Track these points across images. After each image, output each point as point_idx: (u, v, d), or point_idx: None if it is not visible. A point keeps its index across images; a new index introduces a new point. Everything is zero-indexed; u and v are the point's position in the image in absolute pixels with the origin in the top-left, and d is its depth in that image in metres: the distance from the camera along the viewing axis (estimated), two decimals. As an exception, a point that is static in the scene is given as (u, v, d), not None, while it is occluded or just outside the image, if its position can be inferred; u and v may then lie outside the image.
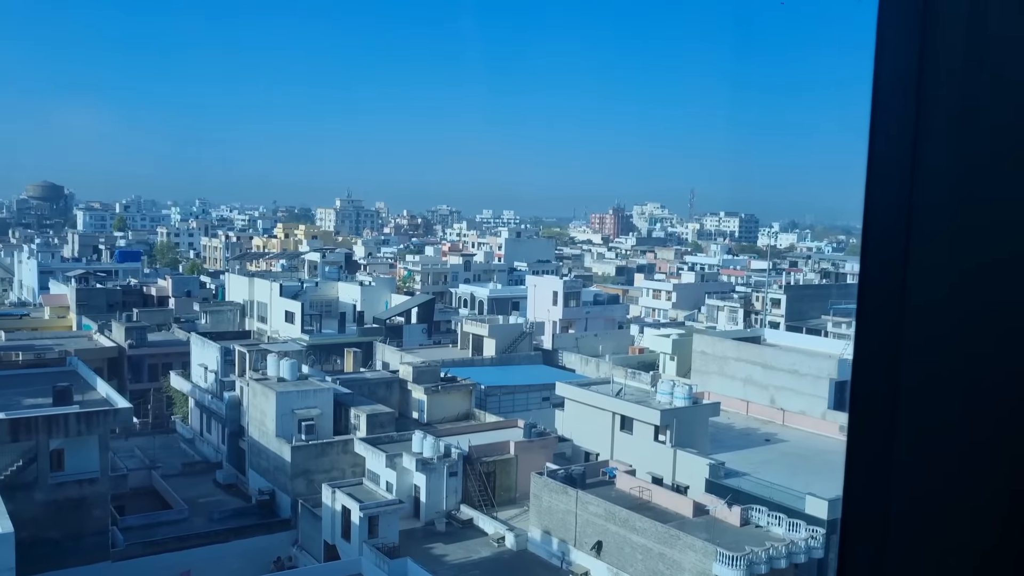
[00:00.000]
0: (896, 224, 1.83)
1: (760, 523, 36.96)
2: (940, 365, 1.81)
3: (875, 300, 1.88)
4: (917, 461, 1.84)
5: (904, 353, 1.83)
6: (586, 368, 69.26)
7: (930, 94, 1.79)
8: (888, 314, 1.85)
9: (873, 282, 1.88)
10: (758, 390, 59.59)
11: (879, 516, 1.87)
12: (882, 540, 1.87)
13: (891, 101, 1.84)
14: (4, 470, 38.49)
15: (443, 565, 39.42)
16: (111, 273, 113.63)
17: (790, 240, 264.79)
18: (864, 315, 1.90)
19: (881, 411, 1.86)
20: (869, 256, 1.88)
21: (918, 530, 1.85)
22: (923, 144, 1.80)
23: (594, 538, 38.25)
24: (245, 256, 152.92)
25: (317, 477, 46.26)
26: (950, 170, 1.79)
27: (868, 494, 1.88)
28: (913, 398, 1.83)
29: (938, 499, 1.83)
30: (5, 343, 72.43)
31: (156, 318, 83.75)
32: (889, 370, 1.84)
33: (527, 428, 49.81)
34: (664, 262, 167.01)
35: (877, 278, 1.87)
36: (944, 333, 1.80)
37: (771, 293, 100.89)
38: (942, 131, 1.79)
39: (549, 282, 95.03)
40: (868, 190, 1.88)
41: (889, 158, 1.85)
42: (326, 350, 69.74)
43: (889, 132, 1.84)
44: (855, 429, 1.90)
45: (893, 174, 1.84)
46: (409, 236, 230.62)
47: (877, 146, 1.87)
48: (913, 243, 1.81)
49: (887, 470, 1.86)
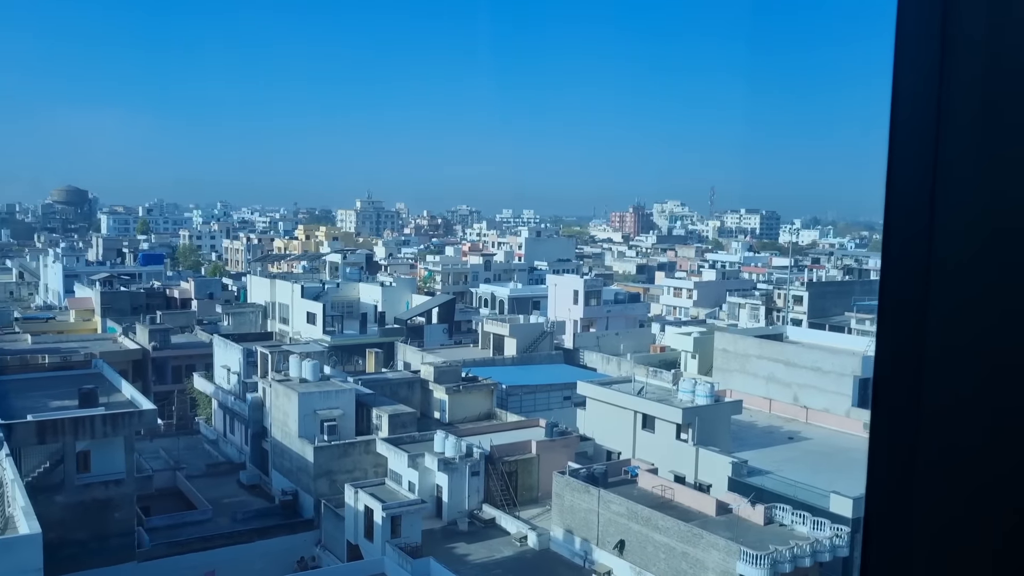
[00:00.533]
0: (918, 220, 1.82)
1: (784, 522, 36.73)
2: (964, 361, 1.79)
3: (897, 296, 1.86)
4: (941, 459, 1.82)
5: (928, 350, 1.81)
6: (607, 367, 69.11)
7: (951, 88, 1.77)
8: (911, 310, 1.83)
9: (895, 278, 1.86)
10: (781, 388, 59.22)
11: (903, 515, 1.85)
12: (907, 539, 1.85)
13: (912, 96, 1.82)
14: (32, 472, 38.93)
15: (466, 565, 39.46)
16: (135, 276, 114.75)
17: (812, 236, 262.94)
18: (886, 311, 1.88)
19: (904, 408, 1.84)
20: (891, 252, 1.86)
21: (943, 529, 1.83)
22: (945, 139, 1.78)
23: (616, 537, 38.17)
24: (267, 258, 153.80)
25: (340, 477, 46.45)
26: (972, 164, 1.76)
27: (891, 492, 1.87)
28: (936, 394, 1.81)
29: (963, 497, 1.81)
30: (32, 346, 73.29)
31: (179, 320, 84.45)
32: (912, 367, 1.82)
33: (549, 427, 49.78)
34: (685, 260, 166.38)
35: (899, 274, 1.85)
36: (968, 329, 1.78)
37: (793, 290, 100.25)
38: (964, 126, 1.76)
39: (570, 281, 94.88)
40: (889, 185, 1.86)
41: (911, 154, 1.83)
42: (348, 351, 70.06)
43: (910, 128, 1.82)
44: (877, 426, 1.88)
45: (915, 169, 1.82)
46: (429, 236, 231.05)
47: (898, 142, 1.85)
48: (936, 239, 1.79)
49: (911, 468, 1.84)
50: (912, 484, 1.86)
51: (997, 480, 1.78)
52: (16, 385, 50.58)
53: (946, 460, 1.82)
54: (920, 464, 1.83)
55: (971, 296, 1.78)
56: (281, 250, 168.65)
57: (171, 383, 71.97)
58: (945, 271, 1.79)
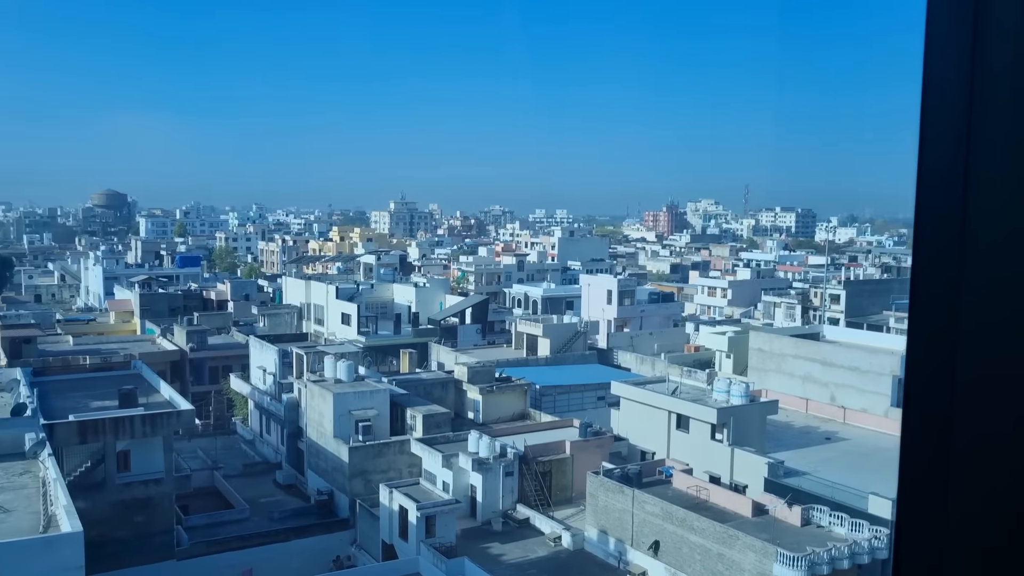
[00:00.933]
0: (950, 207, 1.78)
1: (821, 523, 36.31)
2: (997, 359, 1.75)
3: (930, 296, 1.82)
4: (975, 459, 1.78)
5: (960, 348, 1.77)
6: (641, 367, 68.80)
7: (983, 75, 1.73)
8: (943, 309, 1.79)
9: (927, 277, 1.82)
10: (818, 388, 58.57)
11: (936, 516, 1.81)
12: (940, 540, 1.81)
13: (944, 82, 1.78)
14: (74, 471, 39.59)
15: (500, 565, 39.48)
16: (172, 278, 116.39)
17: (849, 235, 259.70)
18: (918, 310, 1.84)
19: (937, 408, 1.80)
20: (922, 250, 1.82)
21: (976, 530, 1.79)
22: (976, 126, 1.74)
23: (651, 538, 37.97)
24: (301, 259, 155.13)
25: (374, 477, 46.70)
26: (1004, 151, 1.72)
27: (924, 493, 1.82)
28: (969, 394, 1.77)
29: (998, 498, 1.76)
30: (73, 347, 74.60)
31: (216, 322, 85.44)
32: (945, 366, 1.78)
33: (582, 427, 49.66)
34: (719, 259, 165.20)
35: (931, 273, 1.81)
36: (1001, 327, 1.74)
37: (830, 289, 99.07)
38: (996, 112, 1.72)
39: (603, 281, 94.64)
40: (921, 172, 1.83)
41: (942, 141, 1.79)
42: (382, 351, 70.44)
43: (942, 114, 1.78)
44: (910, 426, 1.84)
45: (946, 157, 1.79)
46: (462, 237, 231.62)
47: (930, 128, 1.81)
48: (968, 225, 1.75)
49: (944, 468, 1.80)
50: (947, 485, 1.82)
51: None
52: (58, 385, 51.49)
53: (981, 460, 1.78)
54: (954, 458, 1.79)
55: (1005, 292, 1.73)
56: (316, 251, 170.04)
57: (208, 384, 72.84)
58: (977, 258, 1.75)
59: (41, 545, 25.17)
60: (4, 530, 26.95)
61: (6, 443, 33.99)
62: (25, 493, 30.56)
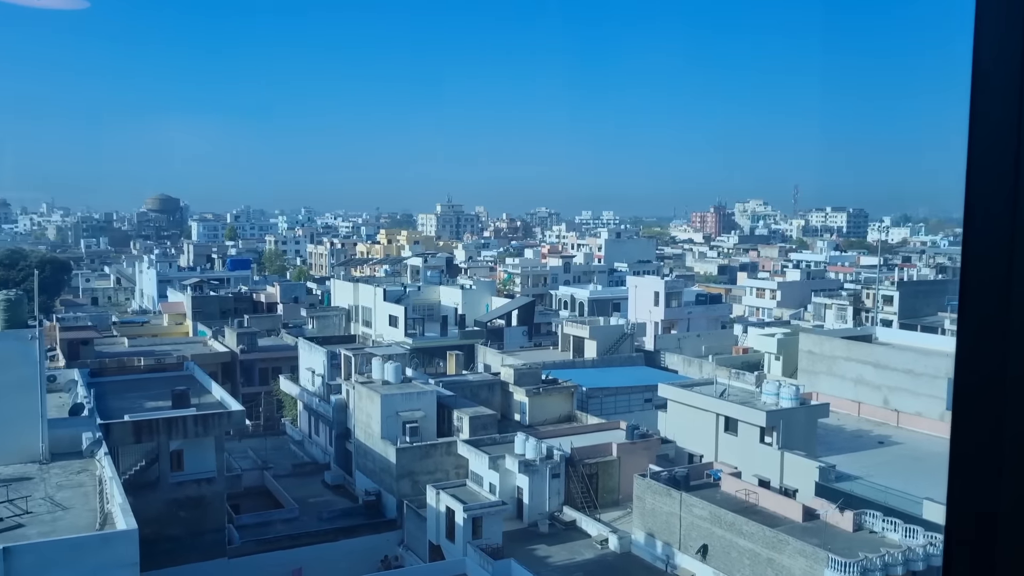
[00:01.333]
0: (1000, 216, 1.73)
1: (874, 528, 35.64)
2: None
3: (979, 295, 1.78)
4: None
5: (1011, 346, 1.72)
6: (689, 369, 68.24)
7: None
8: (993, 308, 1.74)
9: (976, 276, 1.78)
10: (870, 390, 57.52)
11: (987, 518, 1.76)
12: (990, 545, 1.76)
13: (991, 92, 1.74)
14: (129, 470, 40.43)
15: (547, 567, 39.43)
16: (223, 281, 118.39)
17: (902, 234, 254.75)
18: (968, 309, 1.80)
19: (987, 407, 1.75)
20: (971, 248, 1.78)
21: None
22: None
23: (699, 541, 37.61)
24: (349, 262, 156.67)
25: (421, 478, 46.96)
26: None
27: (974, 495, 1.78)
28: (1021, 393, 1.72)
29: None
30: (128, 348, 76.28)
31: (265, 324, 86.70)
32: (995, 365, 1.74)
33: (629, 430, 49.40)
34: (768, 260, 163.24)
35: (980, 271, 1.77)
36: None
37: (883, 290, 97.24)
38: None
39: (650, 282, 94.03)
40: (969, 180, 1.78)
41: (991, 150, 1.75)
42: (429, 353, 70.89)
43: (991, 110, 1.74)
44: (960, 429, 1.80)
45: (995, 165, 1.74)
46: (509, 239, 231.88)
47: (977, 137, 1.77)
48: (1018, 234, 1.70)
49: (996, 469, 1.75)
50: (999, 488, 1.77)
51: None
52: (114, 386, 52.65)
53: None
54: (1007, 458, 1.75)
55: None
56: (364, 254, 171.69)
57: (258, 385, 73.93)
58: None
59: (97, 542, 25.76)
60: (62, 527, 27.65)
61: (64, 442, 34.85)
62: (83, 491, 31.31)
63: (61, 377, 49.05)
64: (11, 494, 29.78)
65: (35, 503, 29.70)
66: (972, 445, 1.78)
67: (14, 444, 33.63)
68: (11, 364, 34.12)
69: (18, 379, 33.91)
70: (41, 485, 31.74)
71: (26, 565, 24.35)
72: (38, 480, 32.27)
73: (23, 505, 29.17)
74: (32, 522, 28.12)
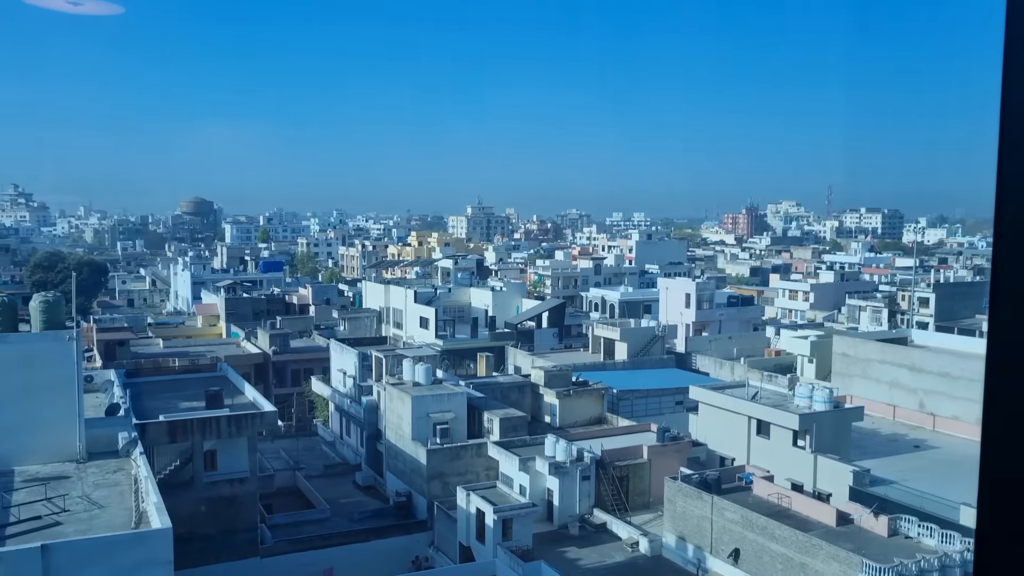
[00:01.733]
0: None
1: (910, 534, 35.14)
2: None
3: (1010, 298, 1.75)
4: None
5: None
6: (720, 371, 67.76)
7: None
8: None
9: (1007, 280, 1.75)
10: (906, 394, 56.76)
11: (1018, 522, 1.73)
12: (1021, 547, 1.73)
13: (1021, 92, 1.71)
14: (164, 469, 40.95)
15: (577, 569, 39.34)
16: (256, 283, 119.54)
17: (939, 235, 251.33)
18: (999, 310, 1.77)
19: (1018, 412, 1.72)
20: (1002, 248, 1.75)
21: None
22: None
23: (731, 545, 37.32)
24: (381, 264, 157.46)
25: (452, 480, 47.07)
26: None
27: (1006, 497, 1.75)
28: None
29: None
30: (163, 349, 77.25)
31: (297, 325, 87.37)
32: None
33: (660, 432, 49.15)
34: (800, 261, 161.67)
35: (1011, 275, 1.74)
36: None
37: (918, 292, 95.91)
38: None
39: (681, 284, 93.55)
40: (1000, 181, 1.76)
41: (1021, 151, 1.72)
42: (459, 355, 71.05)
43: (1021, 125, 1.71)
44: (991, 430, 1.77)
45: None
46: (539, 241, 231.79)
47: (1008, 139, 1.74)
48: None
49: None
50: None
51: None
52: (149, 386, 53.33)
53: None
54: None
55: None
56: (395, 256, 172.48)
57: (290, 386, 74.54)
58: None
59: (133, 540, 26.11)
60: (98, 525, 28.07)
61: (101, 442, 35.36)
62: (118, 490, 31.75)
63: (98, 377, 49.76)
64: (49, 492, 30.26)
65: (72, 501, 30.17)
66: (1002, 448, 1.76)
67: (52, 443, 34.19)
68: (49, 364, 34.69)
69: (56, 379, 34.46)
70: (78, 484, 32.24)
71: (63, 562, 24.74)
72: (75, 479, 32.78)
73: (61, 503, 29.63)
74: (69, 520, 28.56)
